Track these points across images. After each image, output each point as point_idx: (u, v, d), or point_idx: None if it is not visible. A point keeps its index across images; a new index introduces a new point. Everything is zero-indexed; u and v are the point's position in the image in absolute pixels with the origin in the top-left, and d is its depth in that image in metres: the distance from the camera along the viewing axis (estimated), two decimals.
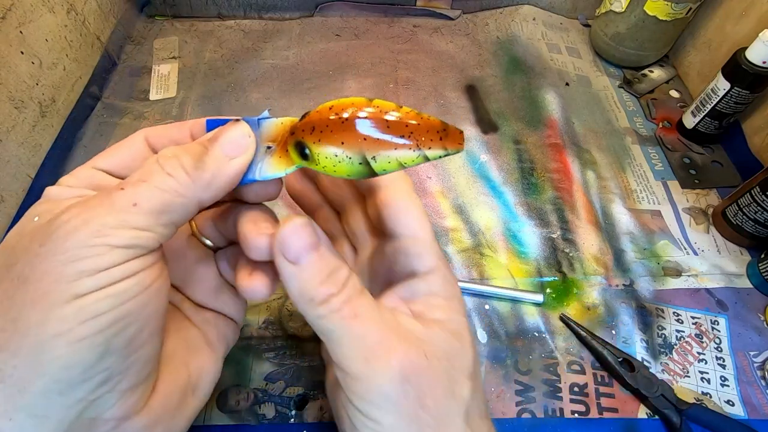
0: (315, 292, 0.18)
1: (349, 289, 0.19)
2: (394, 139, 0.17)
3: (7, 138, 0.39)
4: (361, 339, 0.18)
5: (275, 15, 0.61)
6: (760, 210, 0.38)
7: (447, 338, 0.20)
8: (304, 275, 0.18)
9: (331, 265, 0.19)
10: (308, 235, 0.18)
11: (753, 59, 0.41)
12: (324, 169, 0.18)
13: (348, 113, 0.17)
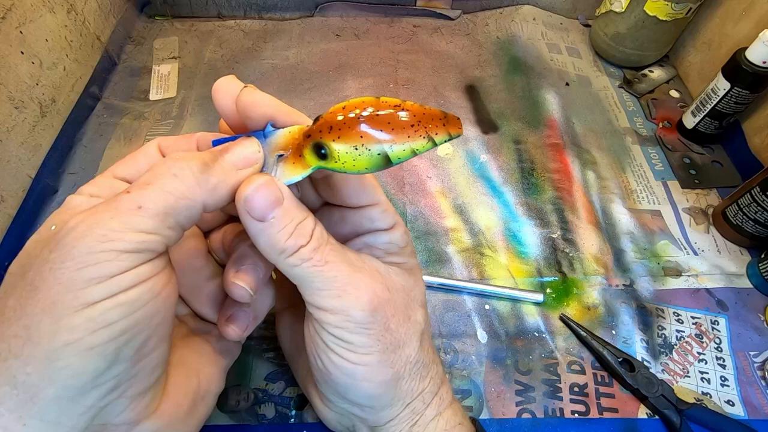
0: (284, 245, 0.19)
1: (317, 238, 0.20)
2: (407, 130, 0.19)
3: (7, 138, 0.39)
4: (332, 281, 0.20)
5: (275, 15, 0.61)
6: (760, 210, 0.38)
7: (403, 275, 0.24)
8: (271, 230, 0.19)
9: (297, 217, 0.20)
10: (271, 192, 0.19)
11: (753, 59, 0.41)
12: (343, 166, 0.19)
13: (364, 111, 0.19)
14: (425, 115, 0.19)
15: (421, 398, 0.24)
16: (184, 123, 0.49)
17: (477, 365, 0.34)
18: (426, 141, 0.19)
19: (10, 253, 0.38)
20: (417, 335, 0.24)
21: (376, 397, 0.23)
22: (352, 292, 0.21)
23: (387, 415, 0.24)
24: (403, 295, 0.23)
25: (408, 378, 0.23)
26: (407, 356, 0.23)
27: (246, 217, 0.19)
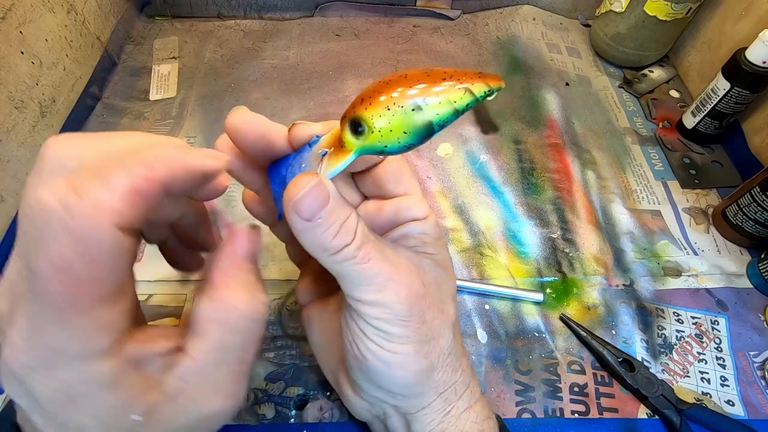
0: (330, 244, 0.19)
1: (360, 236, 0.20)
2: (438, 83, 0.18)
3: (7, 138, 0.39)
4: (374, 277, 0.21)
5: (275, 15, 0.61)
6: (760, 210, 0.38)
7: (436, 268, 0.24)
8: (318, 230, 0.19)
9: (342, 216, 0.20)
10: (318, 193, 0.19)
11: (753, 59, 0.41)
12: (381, 135, 0.18)
13: (389, 77, 0.18)
14: (457, 72, 0.18)
15: (454, 389, 0.25)
16: (184, 123, 0.49)
17: (477, 365, 0.34)
18: (463, 92, 0.17)
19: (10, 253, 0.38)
20: (449, 327, 0.24)
21: (410, 385, 0.23)
22: (392, 287, 0.21)
23: (419, 403, 0.24)
24: (436, 289, 0.24)
25: (441, 369, 0.24)
26: (441, 347, 0.24)
27: (293, 217, 0.19)
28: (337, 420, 0.32)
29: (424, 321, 0.23)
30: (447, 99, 0.17)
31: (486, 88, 0.17)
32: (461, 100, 0.17)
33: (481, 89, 0.17)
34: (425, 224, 0.24)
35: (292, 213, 0.19)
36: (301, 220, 0.19)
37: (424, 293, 0.23)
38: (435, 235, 0.25)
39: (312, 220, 0.19)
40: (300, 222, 0.19)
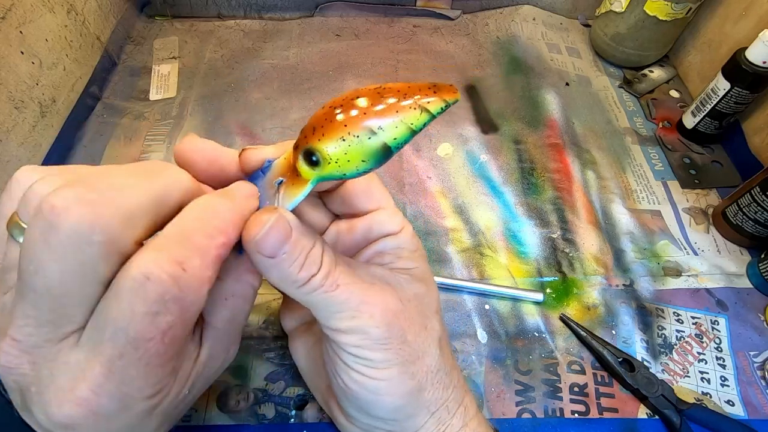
0: (296, 277, 0.19)
1: (326, 264, 0.20)
2: (393, 105, 0.16)
3: (7, 138, 0.39)
4: (345, 303, 0.20)
5: (275, 15, 0.61)
6: (760, 210, 0.38)
7: (414, 282, 0.23)
8: (283, 266, 0.19)
9: (306, 247, 0.19)
10: (280, 229, 0.18)
11: (753, 59, 0.41)
12: (338, 166, 0.17)
13: (340, 101, 0.17)
14: (411, 87, 0.17)
15: (446, 407, 0.24)
16: (184, 123, 0.49)
17: (477, 365, 0.34)
18: (419, 112, 0.16)
19: None
20: (435, 343, 0.23)
21: (400, 409, 0.22)
22: (365, 311, 0.20)
23: (412, 426, 0.23)
24: (416, 304, 0.23)
25: (431, 387, 0.23)
26: (428, 366, 0.23)
27: (256, 256, 0.18)
28: None
29: (405, 341, 0.21)
30: (403, 121, 0.16)
31: (442, 104, 0.17)
32: (417, 120, 0.17)
33: (437, 106, 0.17)
34: (399, 238, 0.24)
35: (254, 252, 0.18)
36: (264, 257, 0.18)
37: (402, 311, 0.22)
38: (411, 248, 0.24)
39: (276, 256, 0.18)
40: (263, 260, 0.18)
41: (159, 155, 0.46)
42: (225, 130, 0.48)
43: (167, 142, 0.47)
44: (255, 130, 0.48)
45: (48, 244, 0.14)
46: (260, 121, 0.49)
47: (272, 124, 0.49)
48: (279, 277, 0.19)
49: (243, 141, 0.47)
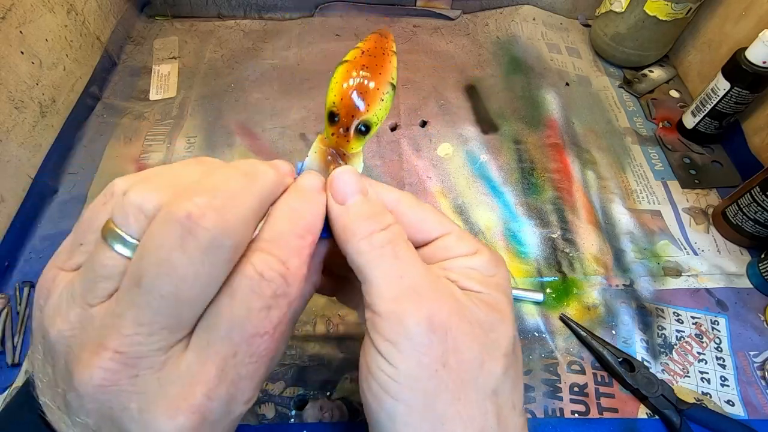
0: (358, 228, 0.18)
1: (393, 231, 0.19)
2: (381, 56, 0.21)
3: (7, 138, 0.39)
4: (397, 279, 0.18)
5: (275, 15, 0.61)
6: (760, 210, 0.38)
7: (484, 308, 0.19)
8: (350, 212, 0.19)
9: (377, 209, 0.19)
10: (356, 181, 0.19)
11: (753, 59, 0.41)
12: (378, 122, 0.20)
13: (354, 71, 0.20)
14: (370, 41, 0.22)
15: None
16: (184, 123, 0.49)
17: None
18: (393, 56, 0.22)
19: (10, 253, 0.38)
20: (486, 390, 0.18)
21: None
22: (414, 299, 0.17)
23: None
24: (480, 332, 0.18)
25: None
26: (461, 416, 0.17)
27: (329, 199, 0.19)
28: (338, 420, 0.32)
29: (447, 364, 0.17)
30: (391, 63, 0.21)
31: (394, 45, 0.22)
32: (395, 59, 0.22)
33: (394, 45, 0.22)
34: (473, 259, 0.20)
35: (329, 198, 0.19)
36: (335, 204, 0.19)
37: (458, 326, 0.18)
38: (486, 273, 0.20)
39: (345, 202, 0.19)
40: (334, 206, 0.19)
41: (159, 155, 0.46)
42: (225, 130, 0.48)
43: (167, 142, 0.47)
44: (255, 130, 0.48)
45: (184, 249, 0.14)
46: (260, 121, 0.49)
47: (272, 124, 0.49)
48: (342, 225, 0.18)
49: (243, 141, 0.47)
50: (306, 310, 0.36)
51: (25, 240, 0.40)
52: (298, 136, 0.48)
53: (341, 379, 0.33)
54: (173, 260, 0.14)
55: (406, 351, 0.17)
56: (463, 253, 0.20)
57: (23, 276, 0.38)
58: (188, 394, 0.15)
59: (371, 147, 0.47)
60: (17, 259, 0.39)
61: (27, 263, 0.38)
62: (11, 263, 0.38)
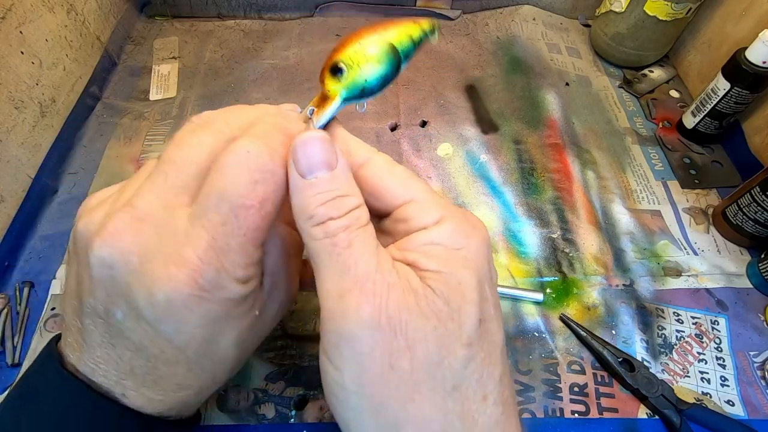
0: (315, 211, 0.17)
1: (352, 217, 0.17)
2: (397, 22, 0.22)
3: (7, 138, 0.39)
4: (346, 272, 0.17)
5: (275, 15, 0.61)
6: (760, 210, 0.38)
7: (443, 294, 0.17)
8: (308, 191, 0.17)
9: (342, 190, 0.17)
10: (323, 151, 0.17)
11: (753, 59, 0.41)
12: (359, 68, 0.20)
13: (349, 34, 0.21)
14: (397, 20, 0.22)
15: None
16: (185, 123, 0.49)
17: None
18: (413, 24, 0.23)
19: (10, 253, 0.38)
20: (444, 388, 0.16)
21: None
22: (358, 294, 0.16)
23: None
24: (437, 324, 0.16)
25: None
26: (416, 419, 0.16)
27: (290, 167, 0.18)
28: None
29: (395, 367, 0.16)
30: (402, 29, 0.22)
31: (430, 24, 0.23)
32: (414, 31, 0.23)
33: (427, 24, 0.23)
34: (436, 231, 0.18)
35: (289, 162, 0.18)
36: (297, 175, 0.17)
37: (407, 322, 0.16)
38: (452, 245, 0.18)
39: (305, 176, 0.17)
40: (295, 176, 0.17)
41: None
42: None
43: (167, 142, 0.47)
44: None
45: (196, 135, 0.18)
46: None
47: None
48: (299, 203, 0.17)
49: None
50: (306, 310, 0.36)
51: (25, 240, 0.40)
52: None
53: None
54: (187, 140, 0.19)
55: (349, 354, 0.16)
56: (425, 224, 0.18)
57: (23, 276, 0.38)
58: (182, 251, 0.16)
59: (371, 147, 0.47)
60: (17, 259, 0.39)
61: (27, 263, 0.38)
62: (11, 263, 0.38)
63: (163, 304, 0.16)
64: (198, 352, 0.18)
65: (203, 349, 0.18)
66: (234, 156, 0.17)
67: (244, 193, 0.16)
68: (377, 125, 0.49)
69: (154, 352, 0.18)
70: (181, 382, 0.19)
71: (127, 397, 0.19)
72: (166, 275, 0.16)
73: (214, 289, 0.17)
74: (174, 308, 0.16)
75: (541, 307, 0.37)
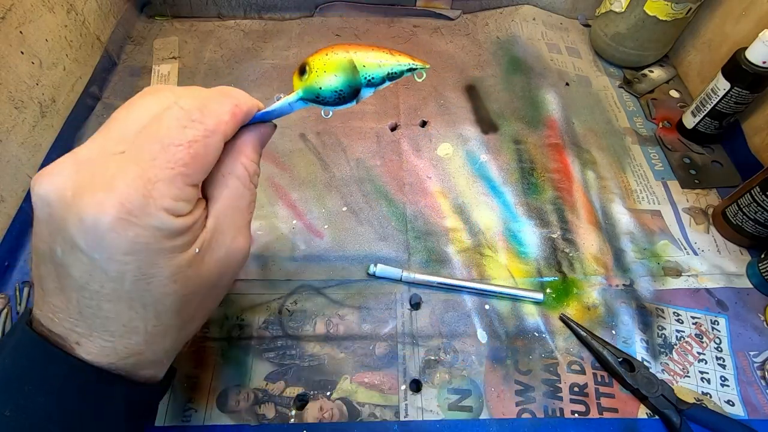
0: None
1: None
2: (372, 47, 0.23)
3: (7, 138, 0.39)
4: None
5: (275, 15, 0.61)
6: (760, 210, 0.38)
7: None
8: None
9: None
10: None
11: (753, 59, 0.41)
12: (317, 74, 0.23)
13: None
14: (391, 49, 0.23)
15: None
16: None
17: (477, 365, 0.34)
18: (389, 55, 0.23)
19: (10, 253, 0.38)
20: None
21: None
22: None
23: None
24: None
25: None
26: None
27: None
28: (337, 420, 0.32)
29: None
30: (375, 55, 0.23)
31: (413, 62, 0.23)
32: (387, 61, 0.23)
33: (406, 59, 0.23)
34: None
35: None
36: None
37: None
38: None
39: None
40: None
41: None
42: None
43: None
44: None
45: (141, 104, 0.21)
46: None
47: None
48: None
49: None
50: (306, 310, 0.36)
51: (25, 240, 0.40)
52: (298, 136, 0.48)
53: (341, 379, 0.33)
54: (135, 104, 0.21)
55: None
56: None
57: (23, 276, 0.38)
58: (111, 181, 0.18)
59: (371, 147, 0.47)
60: (17, 259, 0.39)
61: (27, 263, 0.38)
62: (11, 263, 0.38)
63: (92, 229, 0.18)
64: (136, 287, 0.19)
65: (141, 283, 0.19)
66: (168, 110, 0.20)
67: (172, 134, 0.19)
68: (377, 125, 0.49)
69: (96, 288, 0.19)
70: (127, 324, 0.20)
71: (81, 345, 0.20)
72: (93, 201, 0.18)
73: (141, 215, 0.18)
74: (102, 232, 0.18)
75: (541, 307, 0.37)
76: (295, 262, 0.39)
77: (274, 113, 0.24)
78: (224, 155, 0.22)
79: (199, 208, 0.21)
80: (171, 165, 0.19)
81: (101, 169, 0.18)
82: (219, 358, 0.34)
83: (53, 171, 0.19)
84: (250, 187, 0.23)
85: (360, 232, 0.41)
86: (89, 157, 0.19)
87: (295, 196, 0.43)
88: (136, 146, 0.19)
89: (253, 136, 0.24)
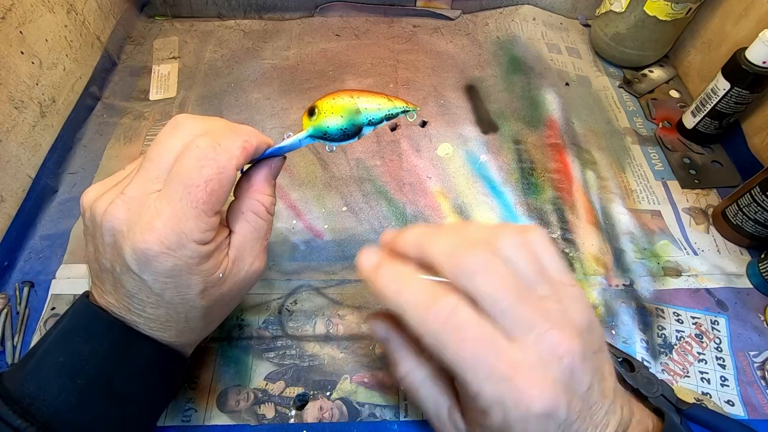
0: None
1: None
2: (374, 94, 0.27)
3: (7, 138, 0.39)
4: None
5: (275, 15, 0.61)
6: (760, 210, 0.38)
7: None
8: None
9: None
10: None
11: (753, 59, 0.41)
12: (324, 115, 0.26)
13: None
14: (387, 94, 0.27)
15: None
16: None
17: None
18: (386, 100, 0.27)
19: (10, 253, 0.38)
20: None
21: None
22: None
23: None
24: None
25: None
26: None
27: None
28: (337, 420, 0.32)
29: None
30: (375, 100, 0.27)
31: (405, 105, 0.27)
32: (385, 105, 0.27)
33: (400, 103, 0.27)
34: None
35: None
36: None
37: None
38: None
39: None
40: None
41: None
42: None
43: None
44: None
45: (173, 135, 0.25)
46: (260, 121, 0.49)
47: (272, 124, 0.49)
48: None
49: None
50: (306, 310, 0.36)
51: (24, 240, 0.40)
52: None
53: (341, 379, 0.33)
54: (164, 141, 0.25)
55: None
56: None
57: (23, 276, 0.38)
58: (152, 222, 0.22)
59: (371, 147, 0.47)
60: (17, 258, 0.39)
61: (27, 263, 0.38)
62: (11, 263, 0.38)
63: (142, 259, 0.22)
64: (173, 300, 0.24)
65: (176, 296, 0.24)
66: (188, 151, 0.23)
67: (192, 176, 0.22)
68: None
69: (142, 297, 0.24)
70: (164, 323, 0.25)
71: None
72: (142, 239, 0.22)
73: (177, 248, 0.22)
74: (149, 262, 0.22)
75: None
76: (295, 262, 0.39)
77: (284, 149, 0.27)
78: (242, 192, 0.27)
79: (221, 234, 0.25)
80: (194, 205, 0.22)
81: (144, 208, 0.23)
82: (219, 358, 0.34)
83: (113, 211, 0.23)
84: (267, 218, 0.27)
85: (360, 232, 0.41)
86: (134, 197, 0.23)
87: (294, 196, 0.43)
88: (167, 187, 0.23)
89: (266, 171, 0.27)
